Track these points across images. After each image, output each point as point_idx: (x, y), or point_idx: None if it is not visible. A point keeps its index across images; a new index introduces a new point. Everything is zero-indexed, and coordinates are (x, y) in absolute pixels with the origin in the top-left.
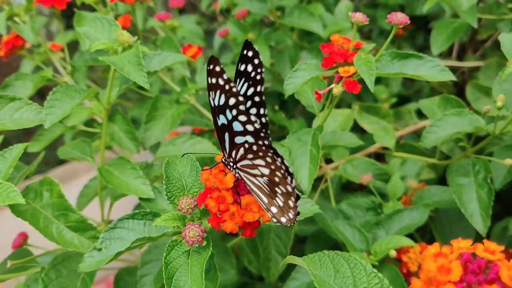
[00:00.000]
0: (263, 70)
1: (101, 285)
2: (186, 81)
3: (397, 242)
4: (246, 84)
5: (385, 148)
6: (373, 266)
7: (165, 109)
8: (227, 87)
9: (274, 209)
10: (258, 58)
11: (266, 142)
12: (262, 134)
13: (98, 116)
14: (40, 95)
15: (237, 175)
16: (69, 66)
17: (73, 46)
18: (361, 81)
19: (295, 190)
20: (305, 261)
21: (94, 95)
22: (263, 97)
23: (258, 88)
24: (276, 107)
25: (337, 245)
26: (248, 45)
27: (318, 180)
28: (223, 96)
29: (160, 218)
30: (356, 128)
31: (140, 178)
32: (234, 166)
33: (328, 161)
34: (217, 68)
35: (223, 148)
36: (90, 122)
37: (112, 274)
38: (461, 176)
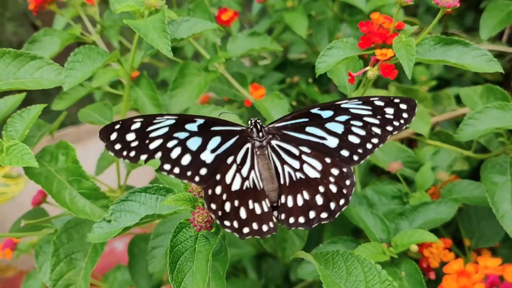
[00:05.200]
0: (402, 128)
1: (126, 239)
2: (217, 48)
3: (419, 237)
4: (368, 112)
5: (419, 134)
6: (392, 259)
7: (192, 77)
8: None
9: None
10: (410, 117)
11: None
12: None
13: (124, 79)
14: None
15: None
16: (98, 24)
17: (107, 3)
18: (399, 64)
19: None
20: (317, 258)
21: (117, 59)
22: (386, 136)
23: (388, 128)
24: (310, 80)
25: (357, 229)
26: (408, 101)
27: None
28: None
29: (170, 197)
30: None
31: None
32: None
33: None
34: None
35: None
36: (117, 83)
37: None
38: (496, 174)
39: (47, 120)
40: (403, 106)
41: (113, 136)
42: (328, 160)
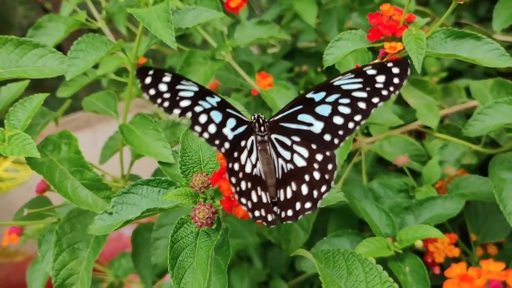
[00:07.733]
0: (396, 93)
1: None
2: (224, 37)
3: (424, 232)
4: (359, 85)
5: (427, 127)
6: (397, 253)
7: (198, 65)
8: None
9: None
10: (402, 80)
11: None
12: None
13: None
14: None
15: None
16: (104, 11)
17: None
18: (408, 57)
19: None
20: (317, 256)
21: (121, 48)
22: (371, 110)
23: (374, 100)
24: (319, 69)
25: (363, 222)
26: (400, 63)
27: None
28: None
29: (171, 192)
30: (400, 101)
31: (161, 140)
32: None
33: (365, 133)
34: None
35: None
36: (123, 71)
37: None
38: (505, 170)
39: (56, 103)
40: (395, 70)
41: (148, 80)
42: (313, 146)
